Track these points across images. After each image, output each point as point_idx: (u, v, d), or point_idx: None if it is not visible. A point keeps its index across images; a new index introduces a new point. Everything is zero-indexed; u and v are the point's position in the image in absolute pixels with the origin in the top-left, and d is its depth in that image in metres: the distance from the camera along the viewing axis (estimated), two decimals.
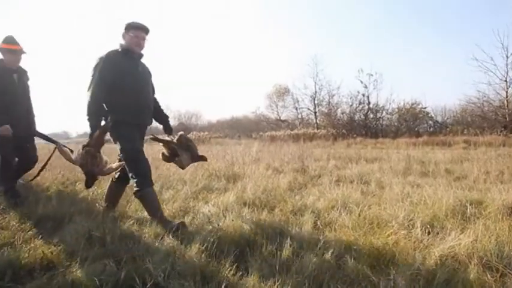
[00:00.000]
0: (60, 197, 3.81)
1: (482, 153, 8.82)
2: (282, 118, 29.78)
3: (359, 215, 2.73)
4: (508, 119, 18.72)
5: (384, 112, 23.70)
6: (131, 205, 3.46)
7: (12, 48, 3.60)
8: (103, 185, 4.49)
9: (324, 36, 46.86)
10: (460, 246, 2.08)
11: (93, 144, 2.62)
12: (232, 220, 2.72)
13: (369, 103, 23.68)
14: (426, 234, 2.38)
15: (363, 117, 23.80)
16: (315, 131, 22.88)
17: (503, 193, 3.27)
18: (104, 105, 2.78)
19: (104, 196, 3.21)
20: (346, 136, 20.16)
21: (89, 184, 2.70)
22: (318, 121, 26.26)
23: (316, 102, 26.75)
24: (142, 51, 2.94)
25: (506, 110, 19.11)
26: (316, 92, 26.62)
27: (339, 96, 25.65)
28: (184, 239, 2.31)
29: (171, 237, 2.34)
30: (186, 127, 32.95)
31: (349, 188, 3.97)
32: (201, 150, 3.49)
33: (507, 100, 19.36)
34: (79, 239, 2.33)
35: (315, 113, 26.80)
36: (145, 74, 2.98)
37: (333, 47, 45.03)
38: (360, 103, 23.91)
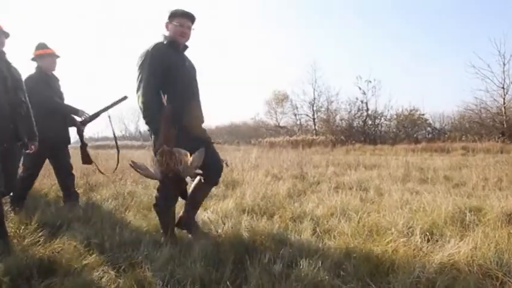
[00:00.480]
0: (59, 203, 3.79)
1: (480, 159, 8.85)
2: (281, 124, 29.83)
3: (358, 222, 2.73)
4: (505, 125, 18.80)
5: (383, 118, 23.77)
6: (129, 211, 3.45)
7: (49, 52, 3.66)
8: (101, 191, 4.49)
9: (323, 40, 47.05)
10: (460, 254, 2.08)
11: (165, 140, 2.16)
12: (231, 227, 2.72)
13: (367, 109, 23.75)
14: (425, 242, 2.38)
15: (361, 123, 23.84)
16: (314, 137, 22.90)
17: (502, 200, 3.28)
18: None
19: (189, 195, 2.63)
20: (344, 142, 20.17)
21: (182, 191, 2.24)
22: (316, 127, 26.29)
23: (315, 108, 26.81)
24: (188, 43, 2.60)
25: (504, 117, 19.20)
26: (315, 98, 26.69)
27: (337, 102, 25.72)
28: (183, 247, 2.30)
29: (170, 244, 2.33)
30: None
31: (348, 195, 3.97)
32: None
33: (504, 107, 19.47)
34: (77, 246, 2.32)
35: (314, 119, 26.86)
36: (192, 69, 2.65)
37: (332, 52, 45.32)
38: (358, 109, 23.97)
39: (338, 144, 19.73)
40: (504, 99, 19.71)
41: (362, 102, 23.79)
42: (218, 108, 55.88)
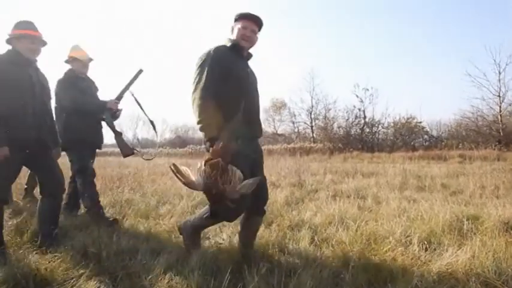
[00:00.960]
0: None
1: (477, 167, 8.88)
2: (278, 132, 29.90)
3: (356, 231, 2.73)
4: (502, 133, 18.93)
5: (380, 126, 23.88)
6: (127, 220, 3.43)
7: (78, 54, 3.59)
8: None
9: (322, 48, 47.47)
10: (458, 263, 2.08)
11: (222, 154, 1.93)
12: (229, 236, 2.71)
13: (365, 117, 23.88)
14: (423, 251, 2.38)
15: (359, 131, 23.92)
16: (312, 145, 22.93)
17: (499, 208, 3.30)
18: None
19: (238, 241, 2.50)
20: (342, 150, 20.21)
21: (217, 212, 2.00)
22: (314, 135, 26.35)
23: (312, 116, 26.91)
24: (251, 50, 2.41)
25: (500, 125, 19.34)
26: (312, 106, 26.82)
27: (335, 110, 25.83)
28: (181, 256, 2.28)
29: (168, 253, 2.31)
30: (183, 140, 32.93)
31: (346, 203, 3.98)
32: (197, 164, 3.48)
33: (501, 115, 19.64)
34: (74, 255, 2.30)
35: (312, 127, 26.93)
36: (254, 78, 2.44)
37: (330, 61, 45.63)
38: (356, 117, 24.08)
39: (336, 152, 19.77)
40: (500, 107, 19.91)
41: (359, 110, 23.94)
42: None
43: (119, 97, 3.56)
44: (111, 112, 3.52)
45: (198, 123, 2.09)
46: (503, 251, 2.23)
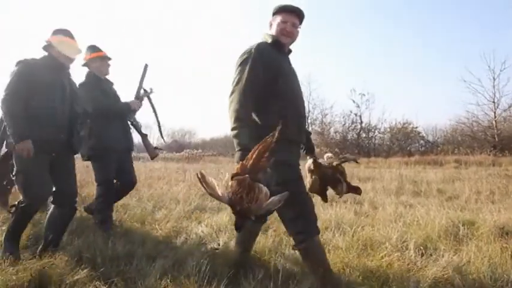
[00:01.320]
0: None
1: (473, 172, 8.95)
2: None
3: (352, 236, 2.73)
4: (497, 139, 19.10)
5: (376, 131, 24.02)
6: (123, 224, 3.41)
7: (96, 55, 3.34)
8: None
9: (319, 53, 47.73)
10: (454, 268, 2.09)
11: (250, 169, 1.73)
12: (225, 242, 2.71)
13: (361, 122, 24.01)
14: (419, 256, 2.39)
15: (355, 136, 24.05)
16: None
17: (494, 214, 3.32)
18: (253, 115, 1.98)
19: (234, 241, 2.49)
20: (339, 155, 20.27)
21: (240, 226, 1.78)
22: None
23: (309, 121, 26.97)
24: (292, 46, 2.21)
25: (495, 130, 19.53)
26: (309, 111, 26.86)
27: (331, 115, 25.94)
28: (177, 261, 2.27)
29: (164, 258, 2.30)
30: (180, 144, 32.89)
31: (343, 208, 3.98)
32: (194, 168, 3.49)
33: (495, 120, 19.83)
34: (69, 260, 2.29)
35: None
36: (296, 75, 2.23)
37: (327, 66, 45.90)
38: (352, 122, 24.23)
39: None
40: (495, 113, 20.13)
41: (356, 115, 24.08)
42: (213, 119, 56.13)
43: (137, 96, 3.43)
44: (135, 113, 3.40)
45: (232, 129, 1.89)
46: (498, 256, 2.24)
